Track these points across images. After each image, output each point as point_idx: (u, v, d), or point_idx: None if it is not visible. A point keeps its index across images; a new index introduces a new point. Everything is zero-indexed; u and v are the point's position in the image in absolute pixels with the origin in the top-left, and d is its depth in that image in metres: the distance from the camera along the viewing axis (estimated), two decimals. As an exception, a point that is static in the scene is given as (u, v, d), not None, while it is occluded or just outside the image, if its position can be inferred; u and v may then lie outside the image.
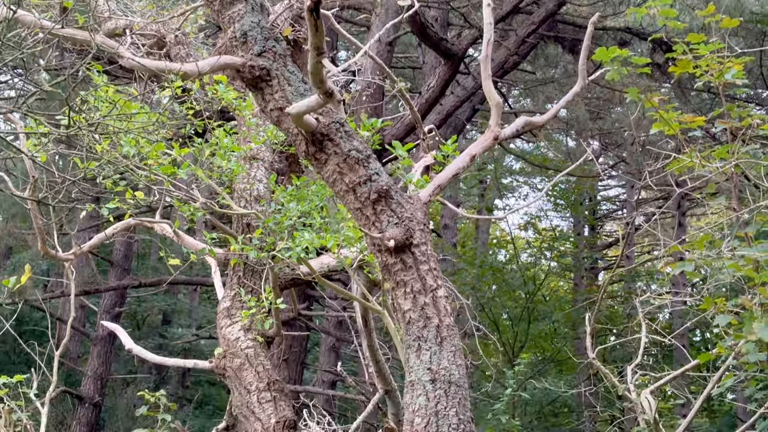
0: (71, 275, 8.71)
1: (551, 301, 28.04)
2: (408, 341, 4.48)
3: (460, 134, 19.17)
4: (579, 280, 28.60)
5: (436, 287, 4.51)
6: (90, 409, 21.73)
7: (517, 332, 24.46)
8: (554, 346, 26.38)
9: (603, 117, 22.12)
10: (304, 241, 6.19)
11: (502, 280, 26.05)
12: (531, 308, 24.98)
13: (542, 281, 27.22)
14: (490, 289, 25.63)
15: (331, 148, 4.62)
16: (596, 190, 30.24)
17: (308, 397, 12.24)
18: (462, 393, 4.35)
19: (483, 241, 29.80)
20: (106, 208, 6.29)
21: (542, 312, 26.16)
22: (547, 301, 27.99)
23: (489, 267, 25.75)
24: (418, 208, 4.68)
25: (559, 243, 30.15)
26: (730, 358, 6.01)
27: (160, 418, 9.50)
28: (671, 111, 6.18)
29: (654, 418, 6.39)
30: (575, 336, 24.62)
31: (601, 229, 31.77)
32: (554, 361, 25.88)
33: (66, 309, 22.79)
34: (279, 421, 7.00)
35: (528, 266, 28.74)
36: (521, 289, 25.82)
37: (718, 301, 5.81)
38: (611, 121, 21.83)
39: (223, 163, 6.76)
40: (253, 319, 7.22)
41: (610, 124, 21.83)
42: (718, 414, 23.93)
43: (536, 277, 27.09)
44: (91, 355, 22.38)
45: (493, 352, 22.10)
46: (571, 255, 29.45)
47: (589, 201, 29.91)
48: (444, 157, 6.02)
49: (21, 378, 7.63)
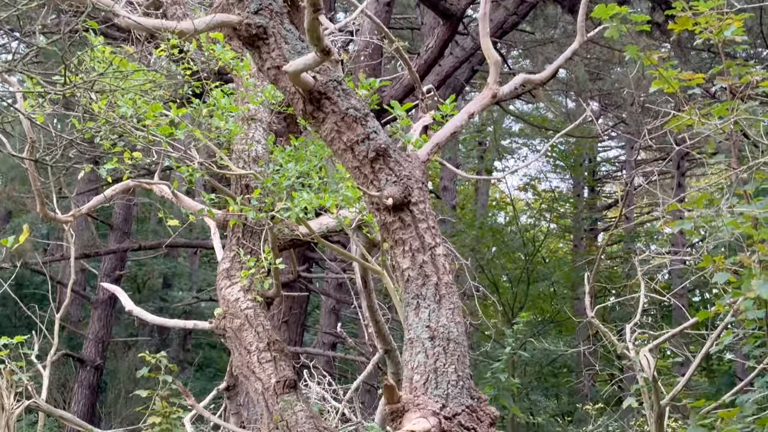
0: (71, 238, 8.72)
1: (550, 263, 28.11)
2: (407, 299, 4.48)
3: (459, 95, 19.11)
4: (578, 242, 28.66)
5: (434, 245, 4.51)
6: (91, 372, 21.85)
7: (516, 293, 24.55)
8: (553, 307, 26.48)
9: (602, 78, 22.04)
10: (302, 202, 6.18)
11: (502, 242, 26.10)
12: (530, 269, 25.05)
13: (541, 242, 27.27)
14: (489, 251, 25.68)
15: (328, 106, 4.60)
16: (596, 152, 30.21)
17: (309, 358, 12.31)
18: (461, 350, 4.35)
19: (482, 203, 29.81)
20: (104, 169, 6.28)
21: (541, 273, 26.23)
22: (546, 262, 28.06)
23: (488, 229, 25.79)
24: (417, 167, 4.67)
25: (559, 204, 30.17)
26: (728, 315, 6.02)
27: (161, 379, 9.55)
28: (670, 69, 6.15)
29: (653, 375, 6.40)
30: (574, 297, 24.71)
31: (601, 191, 31.77)
32: (553, 321, 25.99)
33: (66, 272, 22.82)
34: (279, 381, 7.02)
35: (527, 228, 28.78)
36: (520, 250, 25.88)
37: (717, 259, 5.81)
38: (611, 82, 21.75)
39: (221, 124, 6.73)
40: (253, 280, 7.23)
41: (610, 84, 21.74)
42: (717, 374, 24.06)
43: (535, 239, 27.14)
44: (92, 319, 22.47)
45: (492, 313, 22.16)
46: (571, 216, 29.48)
47: (589, 162, 29.89)
48: (442, 116, 6.00)
49: (21, 339, 7.66)
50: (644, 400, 6.71)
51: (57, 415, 9.12)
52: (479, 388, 4.47)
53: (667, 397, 6.58)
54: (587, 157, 29.43)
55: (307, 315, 19.33)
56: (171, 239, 14.87)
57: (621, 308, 22.23)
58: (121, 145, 6.45)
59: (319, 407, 9.25)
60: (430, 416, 4.07)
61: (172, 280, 30.15)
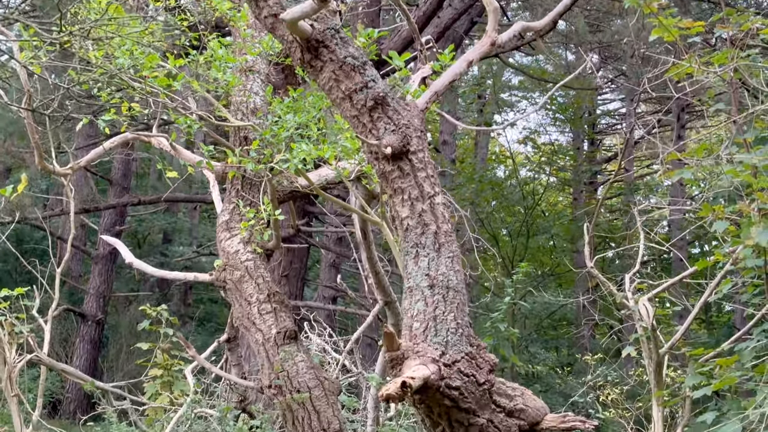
0: (70, 193, 8.70)
1: (550, 216, 28.13)
2: (406, 248, 4.48)
3: (458, 48, 18.99)
4: (578, 194, 28.64)
5: (433, 194, 4.50)
6: (93, 326, 21.97)
7: (515, 246, 24.59)
8: (553, 260, 26.55)
9: (602, 30, 21.91)
10: (301, 153, 6.16)
11: (501, 196, 26.10)
12: (530, 223, 25.08)
13: (541, 196, 27.27)
14: (489, 205, 25.69)
15: (326, 54, 4.57)
16: (596, 104, 30.10)
17: (309, 312, 12.35)
18: (460, 298, 4.36)
19: (482, 156, 29.76)
20: (102, 120, 6.26)
21: (541, 227, 26.26)
22: (545, 216, 28.08)
23: (488, 182, 25.78)
24: (415, 115, 4.64)
25: (558, 157, 30.13)
26: (727, 264, 6.02)
27: (162, 332, 9.60)
28: (670, 18, 6.11)
29: (652, 324, 6.42)
30: (574, 249, 24.75)
31: (601, 144, 31.71)
32: (553, 274, 26.06)
33: (66, 227, 22.83)
34: (280, 332, 7.06)
35: (527, 181, 28.77)
36: (520, 204, 25.89)
37: (717, 208, 5.81)
38: (611, 34, 21.61)
39: (219, 75, 6.70)
40: (252, 232, 7.23)
41: (610, 36, 21.62)
42: (716, 326, 24.18)
43: (535, 192, 27.14)
44: (93, 274, 22.54)
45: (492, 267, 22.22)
46: (570, 169, 29.45)
47: (588, 115, 29.78)
48: (441, 67, 5.96)
49: (22, 291, 7.67)
50: (643, 349, 6.73)
51: (59, 369, 9.17)
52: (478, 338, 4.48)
53: (666, 345, 6.60)
54: (587, 109, 29.32)
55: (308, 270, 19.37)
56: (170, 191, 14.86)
57: (621, 261, 22.29)
58: (118, 96, 6.43)
59: (320, 359, 9.30)
60: (430, 363, 4.09)
61: (172, 235, 30.17)
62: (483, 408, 4.22)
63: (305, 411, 6.89)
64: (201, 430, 8.61)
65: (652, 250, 8.17)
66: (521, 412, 4.34)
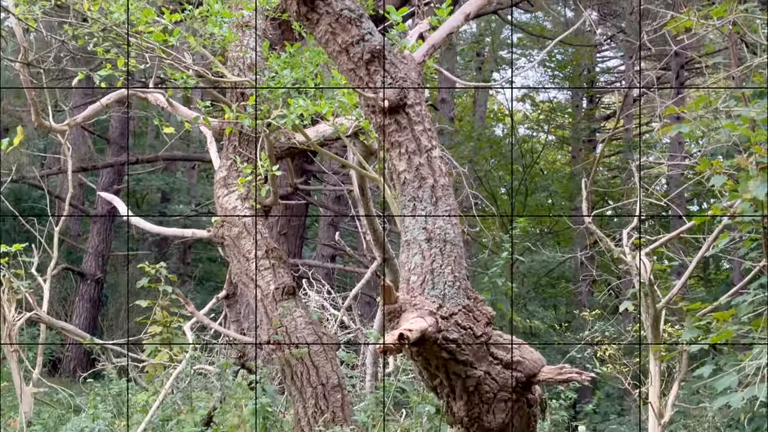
0: (68, 151, 8.68)
1: (548, 174, 28.11)
2: (403, 202, 4.48)
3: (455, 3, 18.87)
4: (576, 153, 28.57)
5: (430, 147, 4.48)
6: (92, 285, 22.03)
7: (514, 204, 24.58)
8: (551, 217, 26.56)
9: (602, -15, 21.81)
10: (298, 108, 6.14)
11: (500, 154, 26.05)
12: (528, 181, 25.06)
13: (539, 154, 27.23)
14: (487, 163, 25.66)
15: (322, 7, 4.53)
16: (595, 62, 29.94)
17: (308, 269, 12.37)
18: (457, 251, 4.36)
19: (480, 115, 29.64)
20: (98, 75, 6.23)
21: (540, 185, 26.24)
22: (544, 174, 28.05)
23: (486, 140, 25.72)
24: (413, 69, 4.62)
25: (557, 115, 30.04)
26: (725, 218, 6.03)
27: (161, 289, 9.61)
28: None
29: (649, 279, 6.44)
30: (572, 207, 24.75)
31: (600, 102, 31.58)
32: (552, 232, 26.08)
33: (64, 187, 22.79)
34: (278, 288, 7.07)
35: (525, 139, 28.71)
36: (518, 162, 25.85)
37: (715, 163, 5.80)
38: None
39: (215, 30, 6.65)
40: (250, 188, 7.23)
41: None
42: (714, 283, 24.24)
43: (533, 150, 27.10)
44: (91, 233, 22.57)
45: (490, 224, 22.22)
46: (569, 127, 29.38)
47: (587, 73, 29.64)
48: (439, 22, 5.92)
49: (20, 247, 7.67)
50: (641, 304, 6.75)
51: (59, 327, 9.22)
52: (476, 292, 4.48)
53: (663, 299, 6.62)
54: (586, 67, 29.17)
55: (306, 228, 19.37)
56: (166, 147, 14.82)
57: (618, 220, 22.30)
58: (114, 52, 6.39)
59: (318, 315, 9.33)
60: (427, 316, 4.10)
61: (170, 194, 30.10)
62: (480, 360, 4.24)
63: (304, 366, 6.92)
64: (200, 387, 8.66)
65: (650, 204, 8.16)
66: (518, 364, 4.35)
